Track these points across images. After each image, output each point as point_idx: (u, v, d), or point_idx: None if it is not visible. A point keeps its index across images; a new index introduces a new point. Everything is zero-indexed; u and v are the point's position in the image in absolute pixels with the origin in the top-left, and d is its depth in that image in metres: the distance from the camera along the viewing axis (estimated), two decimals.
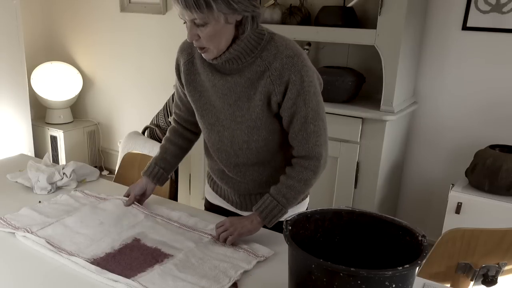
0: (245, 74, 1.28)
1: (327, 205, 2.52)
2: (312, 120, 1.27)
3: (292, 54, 1.24)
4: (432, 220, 2.75)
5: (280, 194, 1.31)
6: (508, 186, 2.19)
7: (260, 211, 1.31)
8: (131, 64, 3.75)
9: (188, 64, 1.38)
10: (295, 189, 1.31)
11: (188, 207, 1.63)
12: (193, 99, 1.40)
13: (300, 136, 1.29)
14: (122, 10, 3.64)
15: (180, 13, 1.18)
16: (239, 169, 1.42)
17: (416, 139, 2.78)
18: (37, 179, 1.67)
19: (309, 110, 1.26)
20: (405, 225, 1.01)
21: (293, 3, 2.72)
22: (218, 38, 1.20)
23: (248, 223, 1.32)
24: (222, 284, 1.14)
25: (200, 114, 1.41)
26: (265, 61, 1.25)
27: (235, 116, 1.33)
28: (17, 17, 3.22)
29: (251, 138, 1.34)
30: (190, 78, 1.38)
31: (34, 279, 1.17)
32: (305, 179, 1.31)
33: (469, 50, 2.52)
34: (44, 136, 3.94)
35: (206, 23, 1.16)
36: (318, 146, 1.30)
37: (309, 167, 1.31)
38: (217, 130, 1.39)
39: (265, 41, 1.26)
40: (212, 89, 1.34)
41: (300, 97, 1.25)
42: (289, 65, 1.23)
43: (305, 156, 1.31)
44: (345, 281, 0.85)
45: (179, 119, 1.56)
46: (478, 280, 1.36)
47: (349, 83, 2.47)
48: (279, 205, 1.30)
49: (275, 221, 1.32)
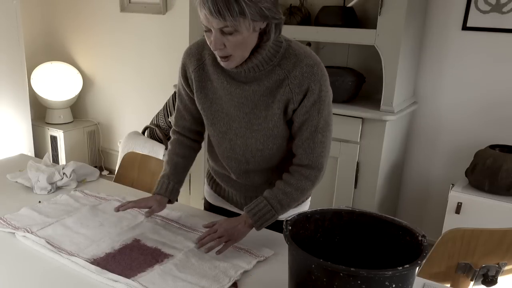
0: (264, 83, 1.25)
1: (327, 205, 2.52)
2: (322, 130, 1.26)
3: (312, 63, 1.23)
4: (432, 220, 2.75)
5: (275, 199, 1.28)
6: (508, 186, 2.19)
7: (253, 214, 1.27)
8: (131, 64, 3.75)
9: (198, 70, 1.33)
10: (291, 196, 1.28)
11: (188, 207, 1.63)
12: (203, 107, 1.36)
13: (306, 144, 1.27)
14: (122, 10, 3.64)
15: (206, 20, 1.12)
16: (248, 175, 1.41)
17: (416, 139, 2.78)
18: (37, 179, 1.67)
19: (321, 119, 1.25)
20: (405, 225, 1.01)
21: (293, 3, 2.72)
22: (245, 46, 1.17)
23: (241, 227, 1.27)
24: (222, 284, 1.14)
25: (211, 122, 1.36)
26: (284, 70, 1.23)
27: (251, 124, 1.30)
28: (17, 17, 3.22)
29: (266, 147, 1.32)
30: (201, 85, 1.33)
31: (34, 279, 1.17)
32: (302, 188, 1.29)
33: (469, 50, 2.52)
34: (44, 136, 3.94)
35: (236, 30, 1.12)
36: (322, 157, 1.29)
37: (309, 177, 1.29)
38: (229, 139, 1.36)
39: (283, 48, 1.24)
40: (226, 97, 1.30)
41: (315, 105, 1.24)
42: (309, 74, 1.22)
43: (307, 165, 1.28)
44: (345, 281, 0.85)
45: (183, 130, 1.48)
46: (478, 280, 1.36)
47: (349, 83, 2.47)
48: (272, 210, 1.27)
49: (265, 226, 1.29)
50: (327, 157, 1.32)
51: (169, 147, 1.50)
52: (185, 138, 1.49)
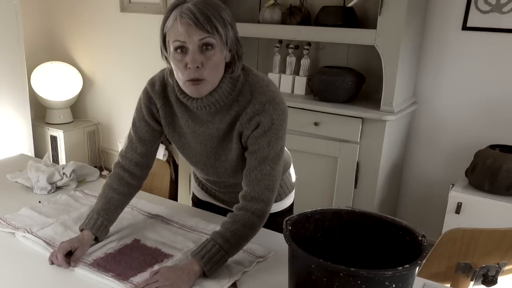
0: (225, 120, 1.24)
1: (327, 205, 2.52)
2: (271, 162, 1.22)
3: (264, 100, 1.20)
4: (432, 220, 2.75)
5: (223, 239, 1.18)
6: (508, 186, 2.19)
7: (201, 256, 1.15)
8: (131, 64, 3.75)
9: (165, 108, 1.31)
10: (239, 234, 1.20)
11: (188, 207, 1.63)
12: (173, 139, 1.37)
13: (253, 175, 1.22)
14: (122, 10, 3.64)
15: (185, 34, 1.09)
16: (228, 187, 1.45)
17: (416, 139, 2.78)
18: (37, 179, 1.67)
19: (271, 151, 1.22)
20: (405, 225, 1.01)
21: (293, 3, 2.72)
22: (218, 70, 1.16)
23: (185, 275, 1.13)
24: (222, 284, 1.14)
25: (182, 153, 1.40)
26: (240, 106, 1.22)
27: (218, 155, 1.32)
28: (17, 17, 3.21)
29: (236, 172, 1.34)
30: (169, 120, 1.33)
31: (34, 279, 1.17)
32: (250, 224, 1.21)
33: (469, 50, 2.52)
34: (44, 136, 3.93)
35: (214, 45, 1.11)
36: (268, 190, 1.23)
37: (256, 212, 1.22)
38: (200, 168, 1.39)
39: (240, 83, 1.22)
40: (191, 134, 1.31)
41: (265, 137, 1.21)
42: (259, 111, 1.20)
43: (253, 198, 1.22)
44: (345, 281, 0.85)
45: (128, 164, 1.38)
46: (478, 280, 1.36)
47: (349, 83, 2.47)
48: (221, 250, 1.17)
49: (216, 269, 1.17)
50: (274, 194, 1.25)
51: (106, 181, 1.40)
52: (127, 174, 1.38)
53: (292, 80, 2.78)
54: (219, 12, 1.11)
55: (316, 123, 2.47)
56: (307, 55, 2.75)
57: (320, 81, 2.49)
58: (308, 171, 2.55)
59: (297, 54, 2.81)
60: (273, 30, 2.66)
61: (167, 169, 1.92)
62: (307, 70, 2.76)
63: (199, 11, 1.08)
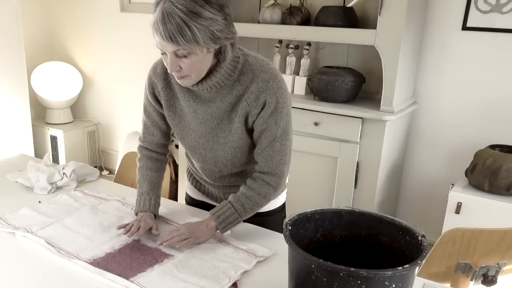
0: (226, 99, 1.30)
1: (327, 205, 2.52)
2: (280, 139, 1.31)
3: (267, 77, 1.26)
4: (432, 220, 2.75)
5: (238, 202, 1.33)
6: (508, 186, 2.19)
7: (217, 216, 1.33)
8: (131, 64, 3.75)
9: (166, 89, 1.37)
10: (254, 200, 1.34)
11: (188, 207, 1.63)
12: (172, 123, 1.42)
13: (266, 153, 1.32)
14: (122, 10, 3.64)
15: (160, 45, 1.16)
16: (223, 179, 1.48)
17: (416, 139, 2.78)
18: (37, 179, 1.67)
19: (278, 129, 1.30)
20: (405, 225, 1.01)
21: (293, 3, 2.72)
22: (201, 66, 1.21)
23: (204, 228, 1.32)
24: (222, 284, 1.14)
25: (181, 137, 1.43)
26: (242, 85, 1.28)
27: (217, 137, 1.36)
28: (17, 17, 3.21)
29: (235, 156, 1.38)
30: (169, 103, 1.38)
31: (34, 279, 1.17)
32: (264, 193, 1.34)
33: (469, 50, 2.52)
34: (44, 136, 3.94)
35: (189, 53, 1.15)
36: (281, 164, 1.33)
37: (271, 183, 1.34)
38: (199, 152, 1.42)
39: (240, 64, 1.28)
40: (192, 114, 1.36)
41: (272, 116, 1.28)
42: (264, 89, 1.26)
43: (268, 172, 1.34)
44: (345, 281, 0.85)
45: (151, 146, 1.51)
46: (478, 280, 1.36)
47: (349, 83, 2.47)
48: (236, 213, 1.32)
49: (229, 228, 1.34)
50: (288, 165, 1.37)
51: (139, 165, 1.52)
52: (154, 154, 1.52)
53: (292, 80, 2.78)
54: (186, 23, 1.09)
55: (316, 123, 2.47)
56: (307, 55, 2.75)
57: (320, 81, 2.50)
58: (308, 171, 2.55)
59: (297, 54, 2.82)
60: (273, 30, 2.66)
61: (167, 169, 1.92)
62: (307, 70, 2.76)
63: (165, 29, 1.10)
